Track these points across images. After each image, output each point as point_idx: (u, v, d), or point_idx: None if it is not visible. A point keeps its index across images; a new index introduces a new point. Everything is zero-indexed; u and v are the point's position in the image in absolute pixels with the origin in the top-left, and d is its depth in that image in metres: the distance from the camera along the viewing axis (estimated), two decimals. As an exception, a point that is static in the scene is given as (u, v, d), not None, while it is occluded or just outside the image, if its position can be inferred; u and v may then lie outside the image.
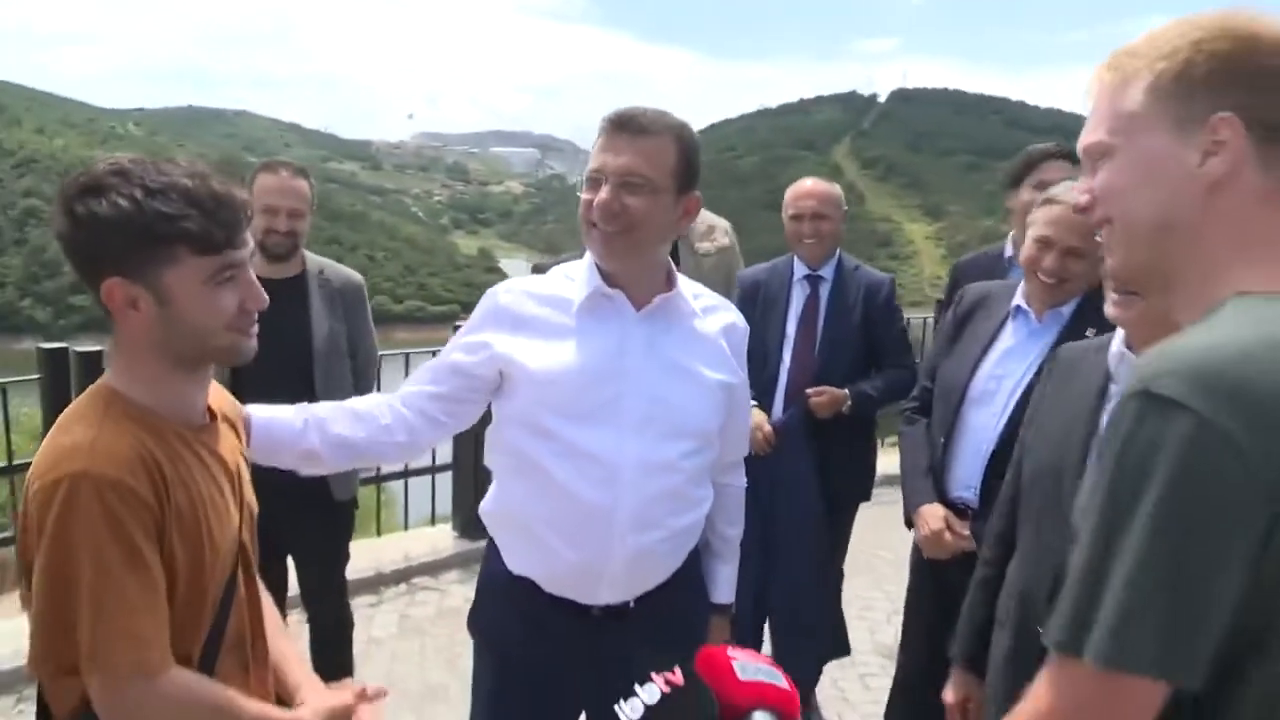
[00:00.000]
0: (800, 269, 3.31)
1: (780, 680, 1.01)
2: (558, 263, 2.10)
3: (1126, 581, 0.86)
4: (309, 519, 3.13)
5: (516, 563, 1.91)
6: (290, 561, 3.26)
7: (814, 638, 3.29)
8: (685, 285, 1.92)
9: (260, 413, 1.77)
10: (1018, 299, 2.48)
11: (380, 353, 3.44)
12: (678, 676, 1.00)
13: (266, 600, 1.63)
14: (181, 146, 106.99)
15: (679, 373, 1.85)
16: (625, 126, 1.75)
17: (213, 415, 1.50)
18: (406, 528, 5.72)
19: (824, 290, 3.28)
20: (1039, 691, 0.94)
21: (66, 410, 1.38)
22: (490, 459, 1.95)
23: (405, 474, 5.57)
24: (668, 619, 1.88)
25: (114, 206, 1.27)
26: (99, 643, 1.25)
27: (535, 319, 1.85)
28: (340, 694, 1.59)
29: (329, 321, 3.08)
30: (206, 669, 1.42)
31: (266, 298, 1.42)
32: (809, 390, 3.18)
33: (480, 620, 2.03)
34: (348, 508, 3.29)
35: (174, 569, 1.34)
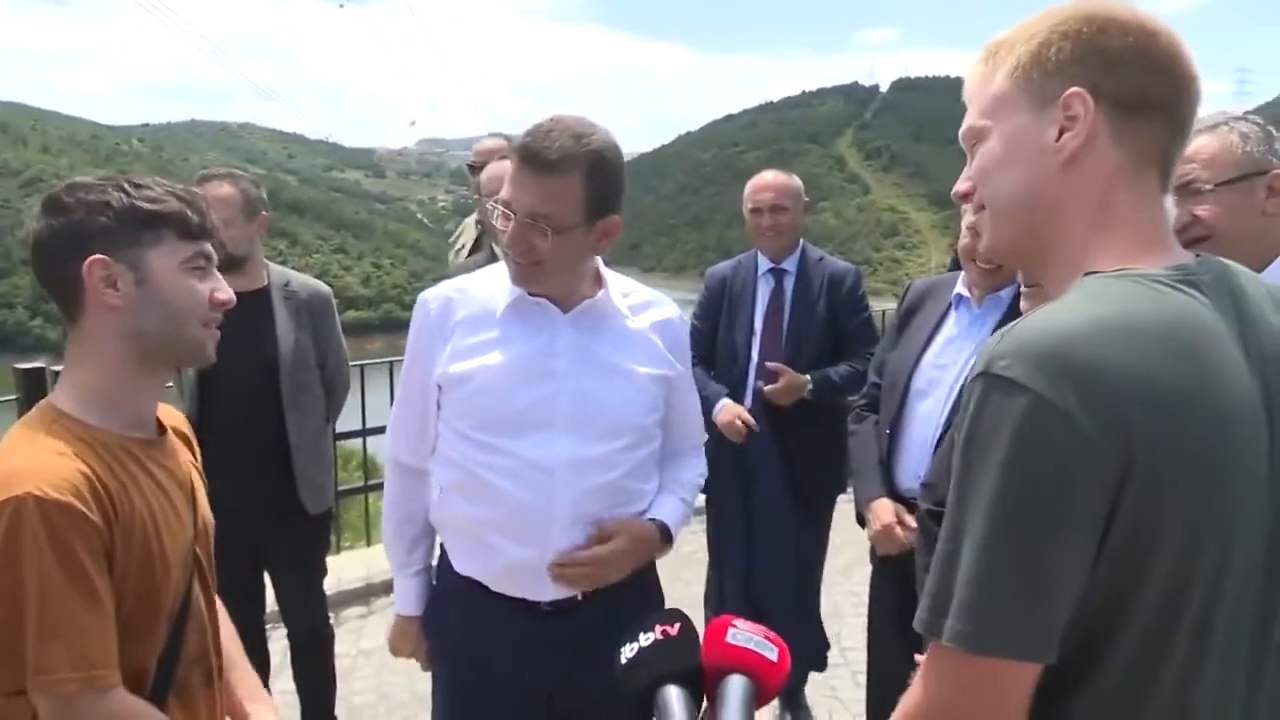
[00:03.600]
0: (764, 263, 3.29)
1: (769, 651, 1.05)
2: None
3: (972, 562, 0.87)
4: (284, 533, 3.14)
5: (462, 563, 1.91)
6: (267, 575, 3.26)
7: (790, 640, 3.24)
8: (615, 284, 1.91)
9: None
10: (959, 288, 2.48)
11: (382, 360, 3.38)
12: (674, 629, 1.07)
13: (222, 613, 1.64)
14: (186, 161, 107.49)
15: (610, 371, 1.85)
16: (532, 161, 1.70)
17: (162, 429, 1.51)
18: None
19: (788, 283, 3.25)
20: (919, 677, 0.93)
21: (10, 431, 1.39)
22: (430, 465, 1.94)
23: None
24: (617, 611, 1.86)
25: (102, 192, 1.37)
26: (46, 662, 1.25)
27: (462, 322, 1.85)
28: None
29: (294, 334, 3.07)
30: (164, 682, 1.42)
31: (233, 294, 1.48)
32: (759, 380, 3.14)
33: (431, 623, 2.01)
34: (323, 520, 3.28)
35: (124, 585, 1.34)
